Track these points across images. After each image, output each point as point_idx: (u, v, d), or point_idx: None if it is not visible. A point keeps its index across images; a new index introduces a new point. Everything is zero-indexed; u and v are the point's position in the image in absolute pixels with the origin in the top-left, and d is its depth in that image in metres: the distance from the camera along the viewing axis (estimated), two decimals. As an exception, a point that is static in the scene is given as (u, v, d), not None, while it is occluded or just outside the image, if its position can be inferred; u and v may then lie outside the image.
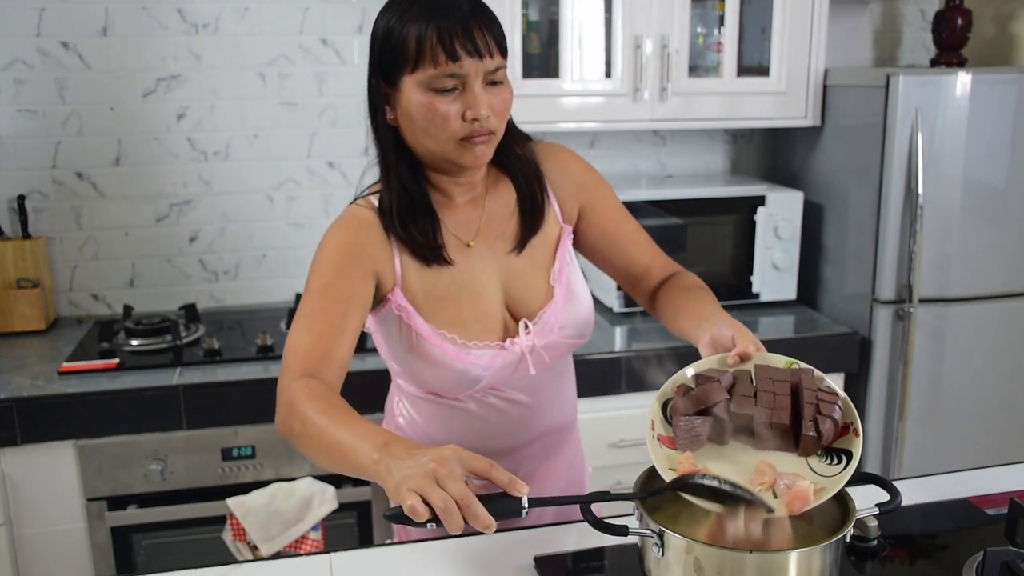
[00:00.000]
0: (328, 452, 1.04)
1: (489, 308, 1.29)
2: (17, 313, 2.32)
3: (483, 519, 0.91)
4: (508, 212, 1.33)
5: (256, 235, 2.56)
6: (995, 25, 2.73)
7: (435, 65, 1.15)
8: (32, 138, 2.38)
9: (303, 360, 1.15)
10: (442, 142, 1.19)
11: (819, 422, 1.04)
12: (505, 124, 1.24)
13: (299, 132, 2.52)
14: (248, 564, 1.22)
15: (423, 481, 0.91)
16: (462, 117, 1.17)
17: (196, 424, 1.99)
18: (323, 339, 1.17)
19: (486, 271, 1.30)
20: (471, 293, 1.28)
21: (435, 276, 1.27)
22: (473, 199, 1.31)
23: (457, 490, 0.91)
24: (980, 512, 1.30)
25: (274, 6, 2.43)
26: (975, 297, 2.34)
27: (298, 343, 1.17)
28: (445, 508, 0.90)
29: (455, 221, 1.30)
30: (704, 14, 2.47)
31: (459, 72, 1.15)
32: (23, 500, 1.96)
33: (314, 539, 1.94)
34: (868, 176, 2.31)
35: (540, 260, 1.34)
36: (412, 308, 1.26)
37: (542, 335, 1.31)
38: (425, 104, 1.17)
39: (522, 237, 1.32)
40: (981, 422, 2.41)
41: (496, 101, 1.19)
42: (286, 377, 1.15)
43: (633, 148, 2.74)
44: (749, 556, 0.96)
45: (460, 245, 1.29)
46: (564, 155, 1.40)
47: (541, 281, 1.33)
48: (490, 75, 1.18)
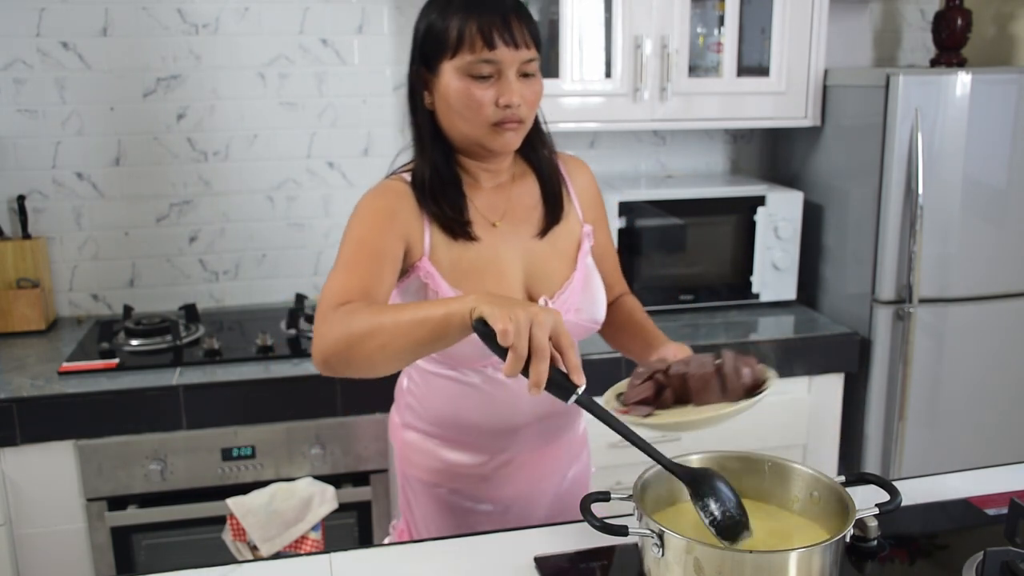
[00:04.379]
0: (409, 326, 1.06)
1: (510, 286, 1.35)
2: (17, 313, 2.32)
3: (538, 375, 0.97)
4: (533, 201, 1.41)
5: (256, 235, 2.56)
6: (995, 25, 2.74)
7: (473, 52, 1.24)
8: (32, 138, 2.38)
9: (342, 299, 1.16)
10: (476, 126, 1.28)
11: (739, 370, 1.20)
12: (535, 115, 1.34)
13: (299, 132, 2.52)
14: (248, 564, 1.22)
15: (522, 319, 0.98)
16: (495, 103, 1.26)
17: (196, 424, 1.99)
18: (361, 282, 1.20)
19: (510, 251, 1.36)
20: (494, 269, 1.35)
21: (462, 250, 1.33)
22: (499, 185, 1.39)
23: (541, 340, 0.98)
24: (980, 512, 1.30)
25: (274, 6, 2.43)
26: (975, 297, 2.34)
27: (336, 285, 1.19)
28: (521, 353, 0.97)
29: (482, 203, 1.37)
30: (704, 14, 2.47)
31: (495, 60, 1.24)
32: (23, 500, 1.96)
33: (314, 539, 1.94)
34: (868, 176, 2.31)
35: (563, 248, 1.41)
36: (440, 277, 1.31)
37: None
38: (462, 89, 1.26)
39: (546, 224, 1.40)
40: (981, 422, 2.42)
41: (528, 92, 1.28)
42: (325, 312, 1.14)
43: (633, 148, 2.74)
44: (749, 556, 0.96)
45: (486, 224, 1.36)
46: (585, 168, 1.51)
47: (562, 267, 1.40)
48: (524, 66, 1.27)
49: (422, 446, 1.44)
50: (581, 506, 1.07)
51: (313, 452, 2.04)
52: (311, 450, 2.04)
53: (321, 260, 2.61)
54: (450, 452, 1.42)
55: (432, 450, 1.43)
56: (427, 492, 1.46)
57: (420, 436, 1.45)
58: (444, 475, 1.43)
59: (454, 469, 1.42)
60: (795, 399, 2.33)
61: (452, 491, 1.44)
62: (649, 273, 2.45)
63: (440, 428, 1.42)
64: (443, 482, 1.44)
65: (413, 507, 1.50)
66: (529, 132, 1.35)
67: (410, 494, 1.49)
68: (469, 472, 1.42)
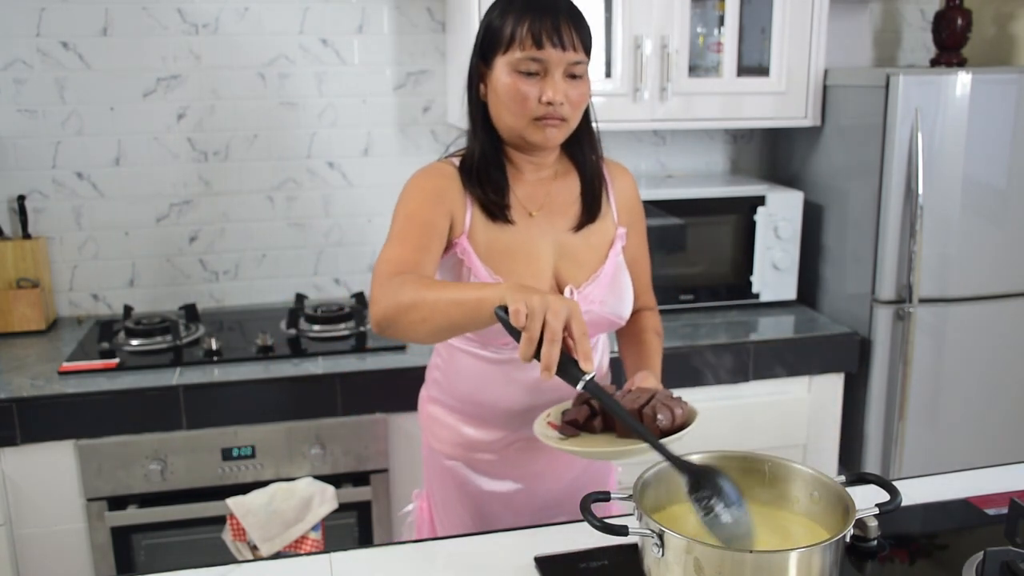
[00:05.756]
0: (448, 304, 1.15)
1: (540, 271, 1.43)
2: (17, 313, 2.32)
3: (549, 359, 1.03)
4: (572, 198, 1.48)
5: (256, 235, 2.56)
6: (995, 25, 2.74)
7: (522, 49, 1.32)
8: (32, 138, 2.38)
9: (396, 267, 1.27)
10: (519, 119, 1.36)
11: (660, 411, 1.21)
12: (580, 115, 1.40)
13: (299, 132, 2.52)
14: (248, 564, 1.22)
15: (537, 306, 1.04)
16: (539, 99, 1.33)
17: (196, 424, 1.99)
18: (413, 253, 1.31)
19: (544, 239, 1.44)
20: (526, 254, 1.42)
21: (498, 232, 1.41)
22: (541, 179, 1.47)
23: (553, 326, 1.03)
24: (980, 512, 1.30)
25: (274, 6, 2.43)
26: (975, 297, 2.34)
27: (391, 255, 1.30)
28: (533, 334, 1.03)
29: (523, 192, 1.45)
30: (704, 14, 2.47)
31: (542, 58, 1.32)
32: (23, 500, 1.96)
33: (314, 539, 1.93)
34: (868, 176, 2.31)
35: (595, 244, 1.48)
36: (474, 254, 1.40)
37: (584, 303, 1.42)
38: (510, 84, 1.34)
39: (582, 220, 1.47)
40: (981, 422, 2.42)
41: (573, 92, 1.35)
42: (381, 279, 1.25)
43: (633, 148, 2.74)
44: (749, 556, 0.96)
45: (524, 212, 1.44)
46: (628, 176, 1.57)
47: (592, 260, 1.47)
48: (571, 67, 1.34)
49: (445, 420, 1.53)
50: (581, 506, 1.07)
51: (313, 452, 2.04)
52: (311, 450, 2.04)
53: (321, 260, 2.61)
54: (470, 428, 1.50)
55: (453, 424, 1.51)
56: (446, 466, 1.53)
57: (443, 410, 1.53)
58: (463, 448, 1.51)
59: (473, 444, 1.50)
60: (795, 399, 2.33)
61: (470, 466, 1.51)
62: (649, 273, 2.45)
63: (461, 403, 1.50)
64: (461, 456, 1.51)
65: (433, 481, 1.58)
66: (578, 133, 1.44)
67: (431, 467, 1.58)
68: (487, 448, 1.49)
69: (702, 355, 2.22)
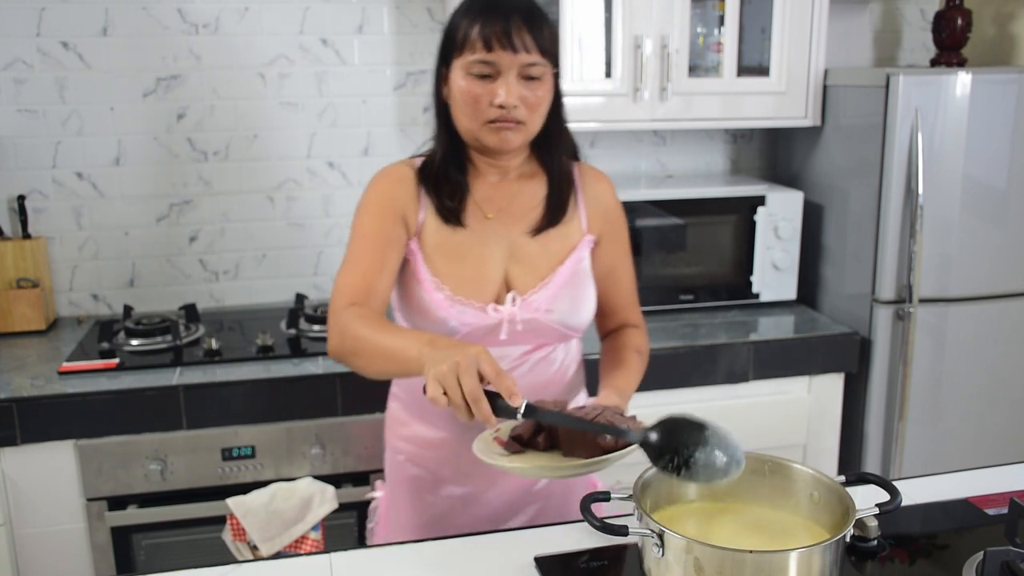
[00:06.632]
0: (382, 358, 1.23)
1: (488, 274, 1.42)
2: (17, 313, 2.32)
3: (482, 415, 1.07)
4: (535, 202, 1.46)
5: (256, 235, 2.56)
6: (995, 25, 2.74)
7: (472, 52, 1.33)
8: (32, 138, 2.38)
9: (350, 293, 1.34)
10: (473, 121, 1.36)
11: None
12: (540, 118, 1.39)
13: (299, 132, 2.52)
14: (248, 564, 1.22)
15: (447, 374, 1.07)
16: (491, 102, 1.33)
17: (196, 424, 1.99)
18: (366, 277, 1.35)
19: (497, 243, 1.43)
20: (476, 256, 1.42)
21: (449, 233, 1.42)
22: (503, 181, 1.46)
23: (469, 386, 1.06)
24: (980, 512, 1.30)
25: (274, 6, 2.43)
26: (975, 297, 2.34)
27: (344, 282, 1.36)
28: (456, 402, 1.07)
29: (482, 195, 1.45)
30: (704, 14, 2.47)
31: (492, 60, 1.32)
32: (23, 500, 1.96)
33: (314, 539, 1.93)
34: (868, 176, 2.31)
35: (554, 250, 1.45)
36: (420, 256, 1.41)
37: (526, 310, 1.41)
38: (464, 86, 1.34)
39: (541, 224, 1.45)
40: (981, 422, 2.41)
41: (529, 95, 1.34)
42: (334, 309, 1.33)
43: (633, 148, 2.74)
44: (749, 556, 0.96)
45: (480, 215, 1.44)
46: (605, 183, 1.54)
47: (547, 266, 1.44)
48: (525, 70, 1.33)
49: (399, 416, 1.54)
50: (581, 506, 1.07)
51: (313, 452, 2.04)
52: (311, 450, 2.04)
53: (321, 260, 2.60)
54: (422, 426, 1.49)
55: (407, 421, 1.52)
56: (399, 463, 1.54)
57: (399, 406, 1.55)
58: (416, 446, 1.50)
59: (425, 443, 1.49)
60: (795, 399, 2.33)
61: (419, 465, 1.50)
62: (649, 273, 2.45)
63: (414, 399, 1.50)
64: (412, 454, 1.51)
65: (388, 477, 1.59)
66: (548, 135, 1.43)
67: (389, 464, 1.58)
68: (435, 448, 1.48)
69: (702, 355, 2.22)
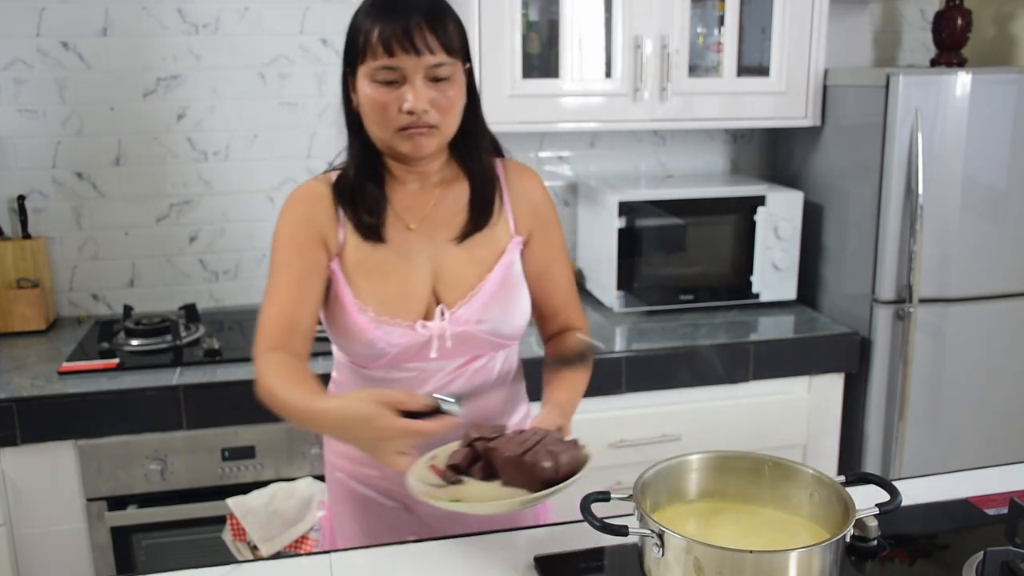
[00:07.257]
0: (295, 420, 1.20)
1: (415, 289, 1.35)
2: (17, 313, 2.32)
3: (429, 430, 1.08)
4: (459, 207, 1.39)
5: (256, 235, 2.56)
6: (995, 25, 2.74)
7: (375, 58, 1.25)
8: (32, 138, 2.38)
9: (270, 334, 1.28)
10: (384, 130, 1.29)
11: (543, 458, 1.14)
12: (454, 120, 1.31)
13: (299, 132, 2.52)
14: (248, 564, 1.22)
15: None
16: (400, 109, 1.25)
17: (196, 424, 1.99)
18: (286, 311, 1.30)
19: (422, 254, 1.36)
20: (400, 272, 1.35)
21: (371, 250, 1.35)
22: (424, 187, 1.39)
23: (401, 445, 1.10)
24: (980, 512, 1.30)
25: (274, 6, 2.43)
26: (975, 297, 2.34)
27: (265, 318, 1.30)
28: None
29: (403, 204, 1.37)
30: (704, 14, 2.47)
31: (396, 66, 1.24)
32: (23, 500, 1.96)
33: (314, 539, 1.93)
34: (868, 176, 2.31)
35: (481, 257, 1.39)
36: (342, 277, 1.34)
37: (456, 324, 1.35)
38: (370, 95, 1.27)
39: (466, 230, 1.38)
40: (981, 422, 2.42)
41: (439, 97, 1.27)
42: (256, 349, 1.28)
43: (633, 148, 2.74)
44: (749, 556, 0.96)
45: (401, 226, 1.37)
46: (532, 178, 1.46)
47: (474, 275, 1.38)
48: (432, 71, 1.25)
49: None
50: (581, 506, 1.07)
51: (313, 452, 2.04)
52: (311, 450, 2.04)
53: (321, 260, 2.60)
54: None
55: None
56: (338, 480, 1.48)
57: None
58: (350, 461, 1.45)
59: (357, 459, 1.43)
60: (795, 399, 2.33)
61: (357, 479, 1.45)
62: (649, 273, 2.45)
63: None
64: (350, 471, 1.45)
65: (330, 494, 1.54)
66: (466, 135, 1.36)
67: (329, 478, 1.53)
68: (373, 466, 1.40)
69: (702, 355, 2.22)
